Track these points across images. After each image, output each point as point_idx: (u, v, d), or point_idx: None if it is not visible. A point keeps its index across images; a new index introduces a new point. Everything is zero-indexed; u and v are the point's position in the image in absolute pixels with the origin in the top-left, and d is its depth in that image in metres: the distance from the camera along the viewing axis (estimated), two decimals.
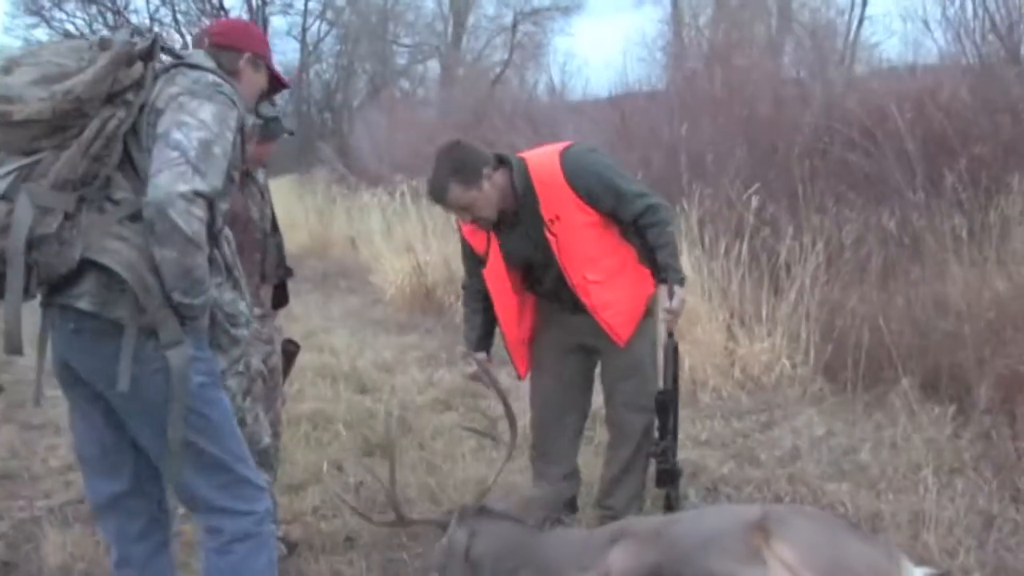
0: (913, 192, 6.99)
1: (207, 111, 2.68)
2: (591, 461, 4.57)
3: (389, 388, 6.77)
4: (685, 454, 4.91)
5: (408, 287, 10.02)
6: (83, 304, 2.66)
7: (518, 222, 3.79)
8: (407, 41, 26.79)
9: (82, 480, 3.16)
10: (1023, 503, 4.13)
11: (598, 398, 4.24)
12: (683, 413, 4.43)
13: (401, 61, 26.47)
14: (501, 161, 3.78)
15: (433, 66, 27.48)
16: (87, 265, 2.62)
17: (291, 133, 4.39)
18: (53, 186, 2.56)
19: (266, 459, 3.79)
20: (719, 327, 6.47)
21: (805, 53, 12.02)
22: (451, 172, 3.66)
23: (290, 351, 4.24)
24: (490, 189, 3.69)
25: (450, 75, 23.40)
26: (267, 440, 3.82)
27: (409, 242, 10.46)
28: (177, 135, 2.61)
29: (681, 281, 3.74)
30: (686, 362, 5.94)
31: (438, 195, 3.72)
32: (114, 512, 3.00)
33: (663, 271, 3.76)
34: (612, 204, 3.74)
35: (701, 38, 15.90)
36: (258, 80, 3.24)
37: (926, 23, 9.12)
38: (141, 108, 2.69)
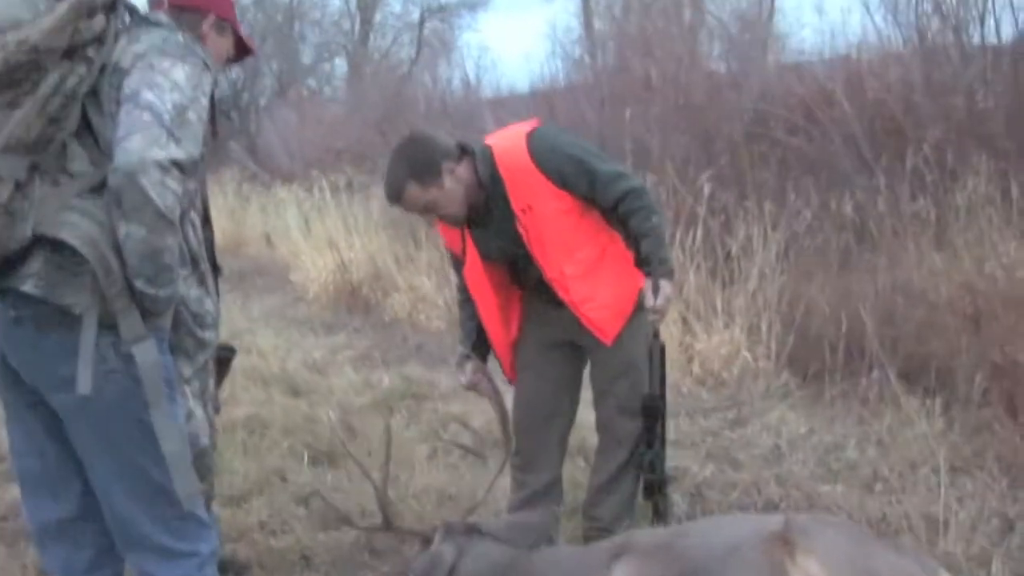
0: (870, 176, 6.74)
1: (180, 72, 2.35)
2: (571, 467, 4.20)
3: (324, 390, 6.30)
4: None
5: (332, 285, 9.56)
6: (27, 287, 2.27)
7: (490, 215, 3.38)
8: (313, 39, 26.23)
9: (14, 494, 2.71)
10: None
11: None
12: None
13: (307, 60, 25.84)
14: (464, 151, 3.36)
15: (340, 64, 27.07)
16: (38, 243, 2.26)
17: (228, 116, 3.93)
18: (4, 149, 2.21)
19: (202, 463, 3.33)
20: (674, 320, 6.14)
21: (731, 41, 11.83)
22: (407, 171, 3.25)
23: (225, 356, 3.76)
24: (453, 184, 3.28)
25: (358, 72, 22.91)
26: (205, 441, 3.36)
27: (331, 238, 9.98)
28: (149, 96, 2.27)
29: (669, 274, 3.34)
30: None
31: (395, 196, 3.32)
32: (59, 540, 2.60)
33: (647, 263, 3.34)
34: (587, 187, 3.31)
35: (616, 29, 15.76)
36: (223, 45, 2.87)
37: (867, 6, 8.88)
38: (102, 68, 2.35)
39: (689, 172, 6.82)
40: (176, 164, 2.24)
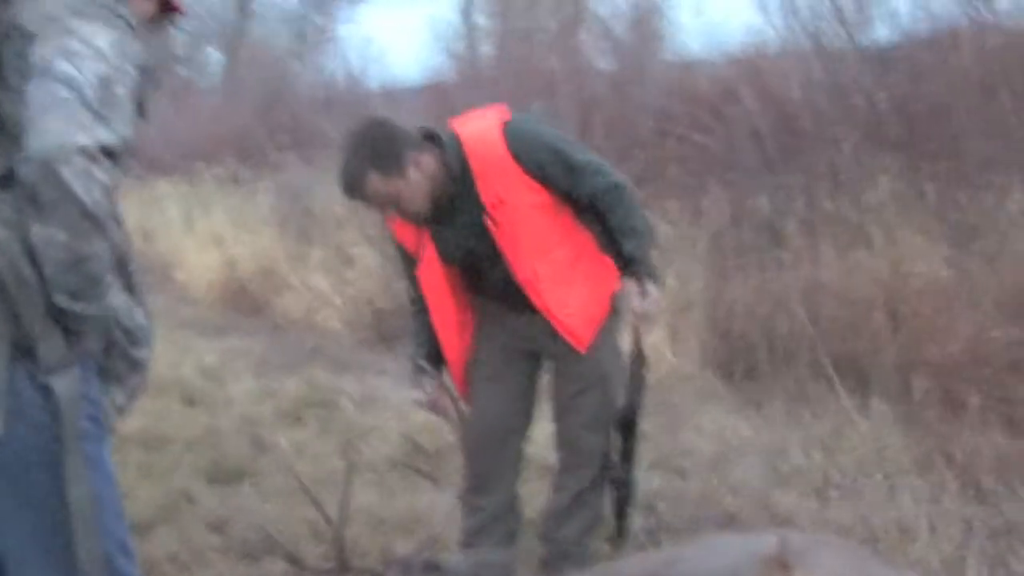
0: (782, 175, 6.64)
1: (103, 38, 1.95)
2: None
3: (223, 399, 5.90)
4: None
5: (219, 284, 9.12)
6: None
7: (455, 211, 3.07)
8: (188, 27, 25.40)
9: None
10: (990, 504, 3.77)
11: None
12: None
13: (181, 48, 24.98)
14: (429, 138, 3.06)
15: (215, 53, 26.24)
16: None
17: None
18: None
19: None
20: None
21: (614, 39, 11.72)
22: (369, 160, 2.92)
23: None
24: (417, 176, 2.97)
25: (235, 62, 22.23)
26: None
27: (216, 234, 9.52)
28: (66, 67, 1.88)
29: (655, 276, 3.08)
30: None
31: (354, 188, 2.97)
32: None
33: (631, 264, 3.08)
34: (566, 180, 3.05)
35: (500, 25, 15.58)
36: (143, 5, 2.34)
37: (765, 8, 8.78)
38: (3, 33, 1.98)
39: None
40: (105, 150, 1.87)
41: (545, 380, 3.41)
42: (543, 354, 3.31)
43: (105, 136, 1.87)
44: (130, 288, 2.22)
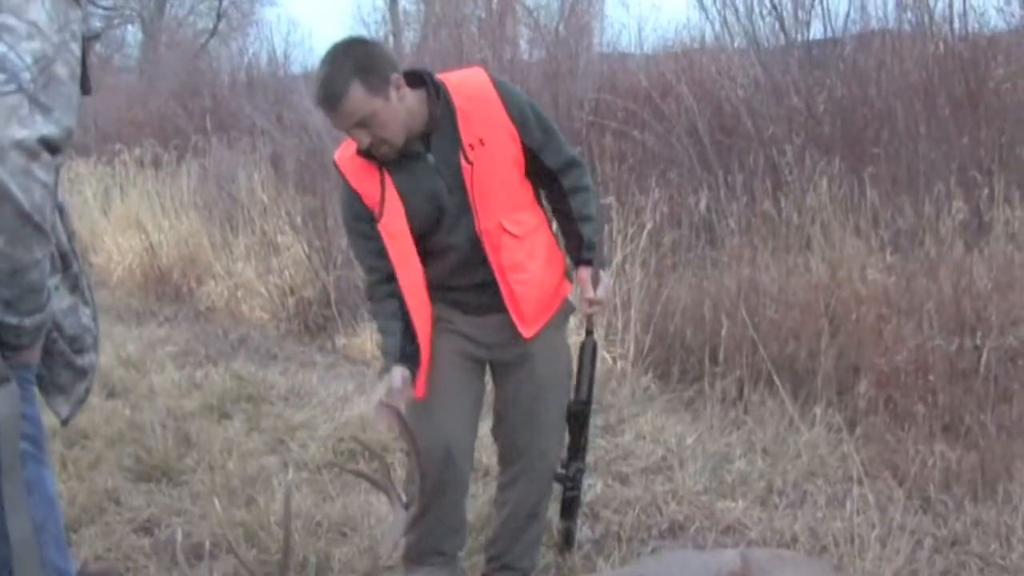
0: (719, 174, 6.60)
1: (37, 9, 1.75)
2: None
3: (146, 391, 5.67)
4: None
5: (139, 269, 8.84)
6: None
7: (428, 150, 2.90)
8: (106, 3, 24.77)
9: None
10: (938, 515, 3.74)
11: None
12: None
13: (97, 24, 24.37)
14: (418, 79, 2.89)
15: (132, 31, 25.67)
16: None
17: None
18: None
19: None
20: None
21: (540, 30, 11.63)
22: (354, 69, 2.71)
23: None
24: (397, 104, 2.79)
25: (153, 41, 21.75)
26: None
27: (137, 218, 9.23)
28: None
29: (607, 264, 3.00)
30: None
31: (333, 98, 2.73)
32: None
33: (587, 249, 3.01)
34: (541, 138, 2.95)
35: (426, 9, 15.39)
36: None
37: (701, 3, 8.76)
38: None
39: None
40: (46, 143, 1.70)
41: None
42: (494, 361, 3.16)
43: (45, 127, 1.70)
44: (75, 287, 2.07)
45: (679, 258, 6.20)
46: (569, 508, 3.33)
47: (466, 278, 3.01)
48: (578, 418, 3.19)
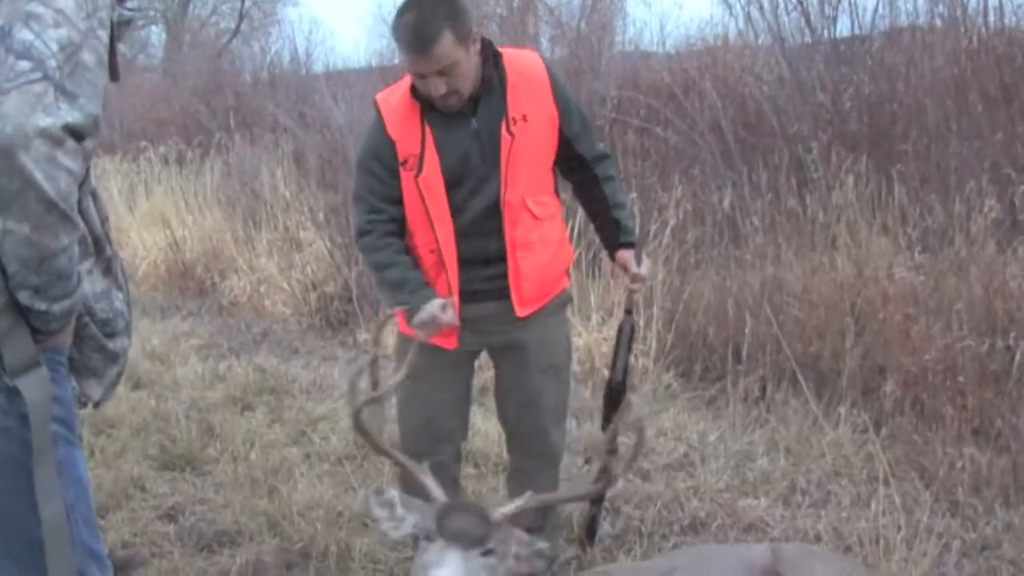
0: (743, 172, 6.56)
1: None
2: None
3: (170, 383, 5.69)
4: None
5: (163, 265, 8.85)
6: None
7: (475, 113, 2.91)
8: (130, 4, 24.89)
9: None
10: (966, 519, 3.67)
11: None
12: None
13: (127, 11, 24.48)
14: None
15: (157, 32, 25.80)
16: None
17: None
18: None
19: None
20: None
21: (562, 27, 11.61)
22: (446, 16, 2.71)
23: None
24: (474, 55, 2.82)
25: (177, 41, 21.85)
26: None
27: (162, 214, 9.25)
28: (24, 34, 1.68)
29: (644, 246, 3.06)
30: None
31: (427, 41, 2.71)
32: None
33: (626, 233, 3.10)
34: (578, 128, 3.03)
35: None
36: None
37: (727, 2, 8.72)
38: None
39: None
40: (71, 131, 1.67)
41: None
42: (490, 349, 3.18)
43: (70, 115, 1.68)
44: (108, 271, 2.05)
45: (702, 256, 6.15)
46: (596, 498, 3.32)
47: (475, 248, 2.99)
48: (613, 400, 3.20)
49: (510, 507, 2.35)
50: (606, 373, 5.40)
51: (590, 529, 3.44)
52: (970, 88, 6.06)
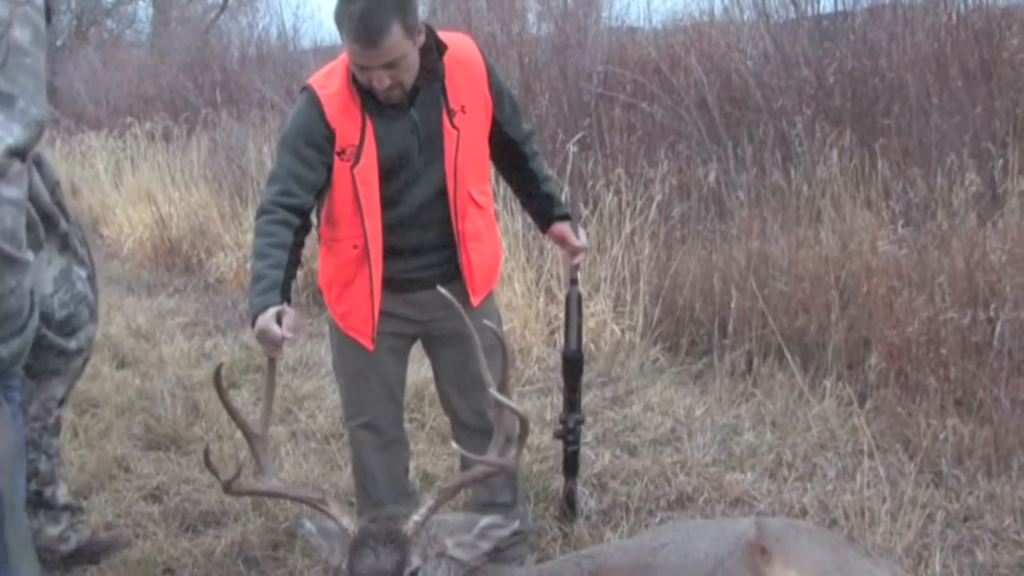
0: (727, 147, 6.56)
1: None
2: None
3: (155, 361, 5.69)
4: (534, 438, 4.24)
5: (149, 241, 8.83)
6: None
7: (413, 104, 2.85)
8: None
9: None
10: (950, 490, 3.69)
11: None
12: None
13: (109, 1, 24.29)
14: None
15: (143, 7, 25.60)
16: None
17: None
18: None
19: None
20: (533, 291, 5.80)
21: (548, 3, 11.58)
22: (395, 9, 2.63)
23: None
24: (417, 48, 2.76)
25: (164, 16, 21.68)
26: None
27: (147, 191, 9.22)
28: None
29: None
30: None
31: (377, 34, 2.60)
32: None
33: (559, 205, 3.17)
34: (508, 112, 3.03)
35: None
36: None
37: None
38: None
39: (555, 135, 6.49)
40: (15, 153, 1.50)
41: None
42: (429, 336, 3.15)
43: (11, 135, 1.51)
44: (65, 246, 1.99)
45: (688, 230, 6.16)
46: (571, 464, 3.33)
47: (409, 239, 2.96)
48: (572, 368, 3.25)
49: (422, 511, 2.29)
50: (592, 350, 5.49)
51: (571, 498, 3.45)
52: (950, 63, 6.08)
